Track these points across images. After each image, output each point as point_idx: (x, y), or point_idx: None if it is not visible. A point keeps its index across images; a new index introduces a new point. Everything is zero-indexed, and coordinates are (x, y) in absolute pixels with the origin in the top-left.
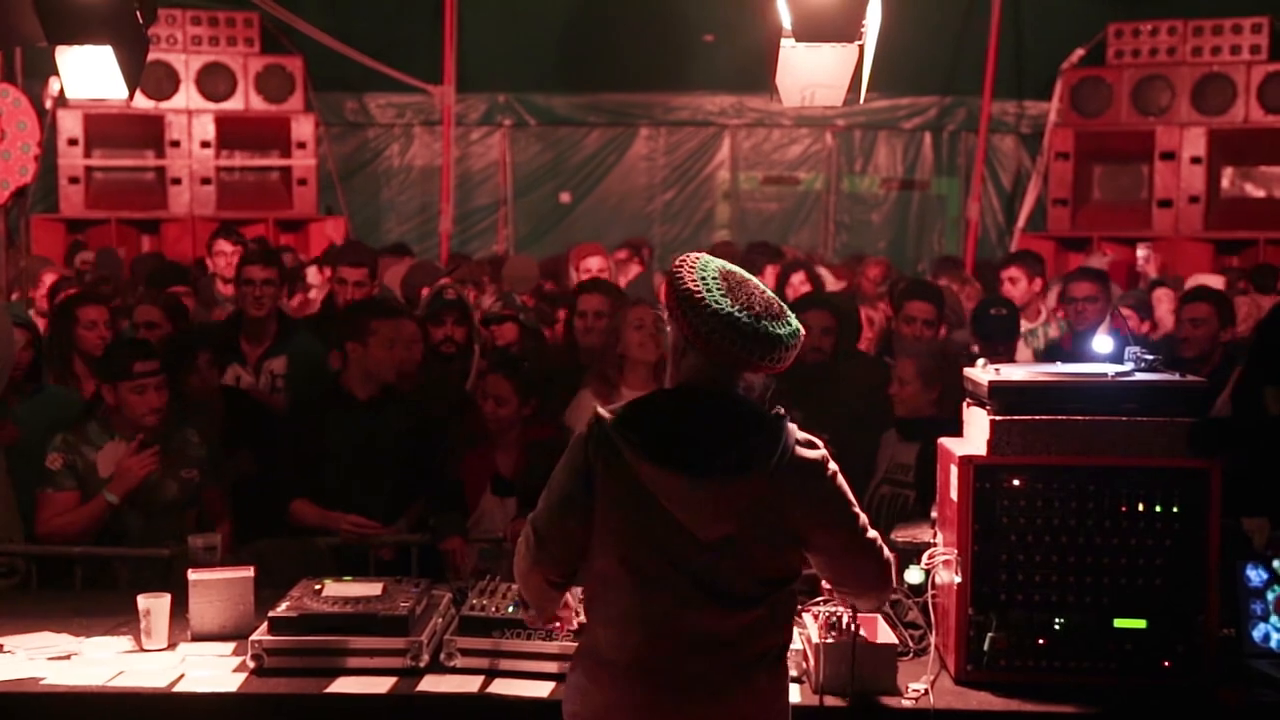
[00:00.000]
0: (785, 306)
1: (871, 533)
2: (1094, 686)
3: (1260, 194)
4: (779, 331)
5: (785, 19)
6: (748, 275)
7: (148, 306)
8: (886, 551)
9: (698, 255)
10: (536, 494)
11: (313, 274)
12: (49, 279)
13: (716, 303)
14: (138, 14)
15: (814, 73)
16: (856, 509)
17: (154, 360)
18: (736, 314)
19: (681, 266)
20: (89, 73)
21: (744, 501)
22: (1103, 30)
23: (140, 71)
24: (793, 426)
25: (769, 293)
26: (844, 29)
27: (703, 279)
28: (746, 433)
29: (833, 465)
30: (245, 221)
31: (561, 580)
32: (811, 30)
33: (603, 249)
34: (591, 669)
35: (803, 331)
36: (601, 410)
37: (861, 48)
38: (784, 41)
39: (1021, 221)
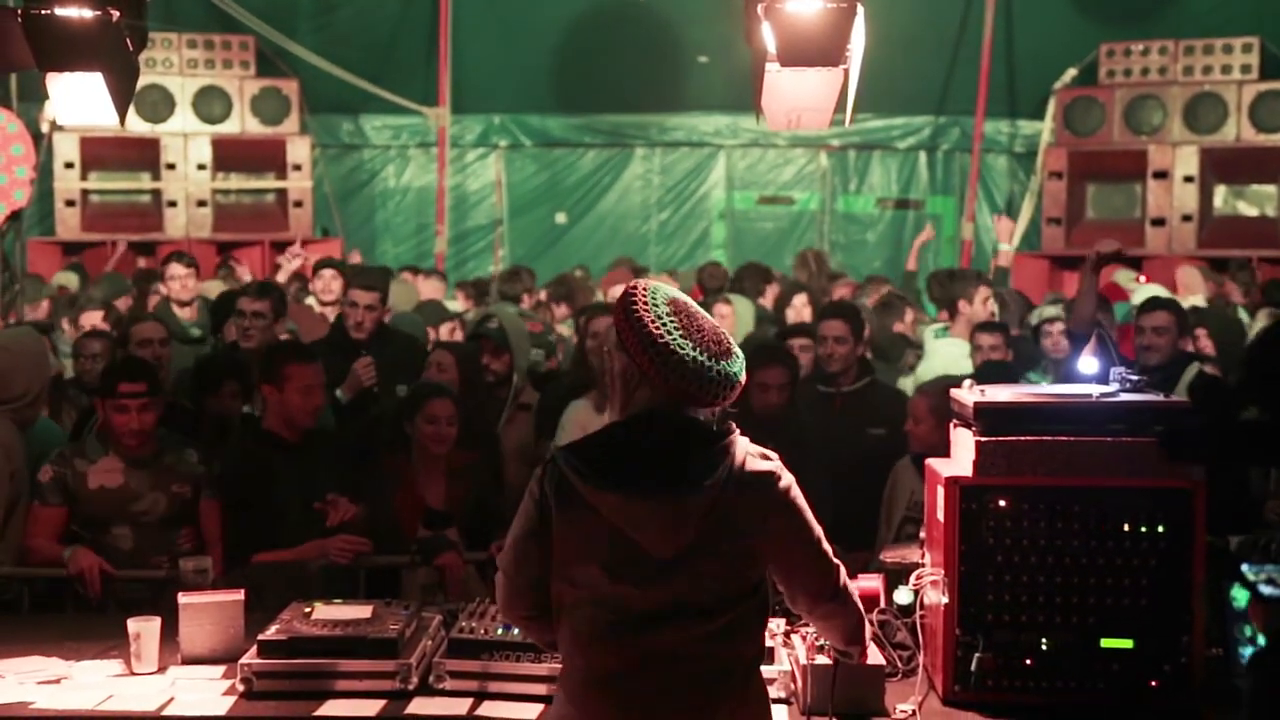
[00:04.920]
0: (730, 340)
1: (827, 548)
2: (1081, 706)
3: (1253, 212)
4: (731, 370)
5: (770, 43)
6: (692, 303)
7: (150, 324)
8: (843, 575)
9: (646, 285)
10: (474, 519)
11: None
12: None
13: (678, 345)
14: (128, 41)
15: (799, 96)
16: (811, 522)
17: (141, 382)
18: (699, 358)
19: (635, 299)
20: (80, 99)
21: (693, 518)
22: (1095, 50)
23: (130, 98)
24: (744, 441)
25: (714, 324)
26: (829, 53)
27: (658, 315)
28: (691, 449)
29: (786, 478)
30: (241, 244)
31: (533, 613)
32: (796, 55)
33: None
34: (565, 690)
35: (743, 373)
36: (555, 446)
37: (846, 71)
38: (769, 66)
39: (1016, 240)
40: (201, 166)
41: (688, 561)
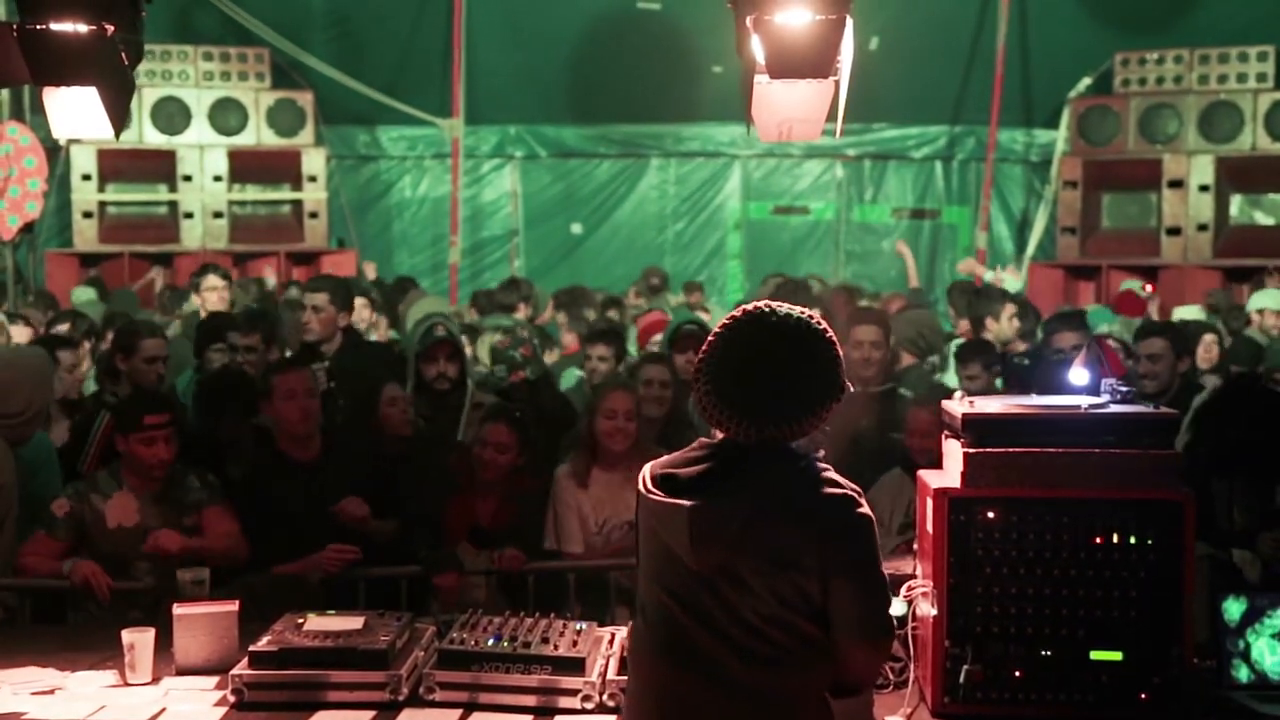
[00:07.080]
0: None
1: (883, 607)
2: (1070, 719)
3: (1269, 221)
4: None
5: (759, 55)
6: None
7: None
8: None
9: (740, 311)
10: (517, 545)
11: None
12: None
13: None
14: (123, 55)
15: (790, 108)
16: (876, 563)
17: (164, 413)
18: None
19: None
20: (75, 113)
21: (729, 528)
22: (1109, 59)
23: (125, 111)
24: (816, 464)
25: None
26: (818, 65)
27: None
28: (744, 464)
29: (856, 514)
30: (257, 254)
31: None
32: (785, 67)
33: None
34: (628, 698)
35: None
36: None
37: (837, 83)
38: (758, 77)
39: (1030, 249)
40: (217, 178)
41: (730, 580)
